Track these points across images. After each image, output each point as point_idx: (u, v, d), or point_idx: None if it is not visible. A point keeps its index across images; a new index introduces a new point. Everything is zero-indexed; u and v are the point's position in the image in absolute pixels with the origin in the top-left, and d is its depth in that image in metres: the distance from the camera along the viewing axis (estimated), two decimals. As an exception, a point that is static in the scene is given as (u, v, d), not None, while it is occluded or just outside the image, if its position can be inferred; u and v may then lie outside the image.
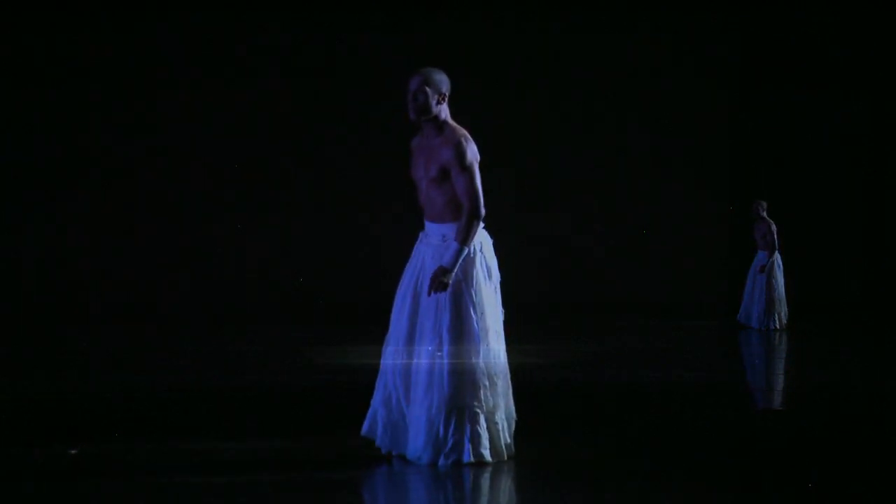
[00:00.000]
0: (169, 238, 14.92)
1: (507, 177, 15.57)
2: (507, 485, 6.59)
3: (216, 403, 9.25)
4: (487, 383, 6.73)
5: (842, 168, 17.59)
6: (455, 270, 6.69)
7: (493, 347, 6.79)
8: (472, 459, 6.66)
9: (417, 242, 6.96)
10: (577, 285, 16.18)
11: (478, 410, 6.69)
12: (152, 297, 14.78)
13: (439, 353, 6.68)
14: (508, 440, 6.87)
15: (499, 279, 6.90)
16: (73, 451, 7.26)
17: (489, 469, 6.68)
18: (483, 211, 6.74)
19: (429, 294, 6.68)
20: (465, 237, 6.70)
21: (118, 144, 14.45)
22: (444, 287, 6.66)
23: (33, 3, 13.71)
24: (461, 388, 6.67)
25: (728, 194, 16.56)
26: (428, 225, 6.89)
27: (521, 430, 7.00)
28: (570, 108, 15.99)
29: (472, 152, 6.76)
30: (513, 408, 6.92)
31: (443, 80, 6.84)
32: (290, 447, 7.29)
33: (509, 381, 6.89)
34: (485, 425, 6.71)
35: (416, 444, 6.71)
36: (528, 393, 8.57)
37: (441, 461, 6.66)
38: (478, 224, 6.74)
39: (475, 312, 6.73)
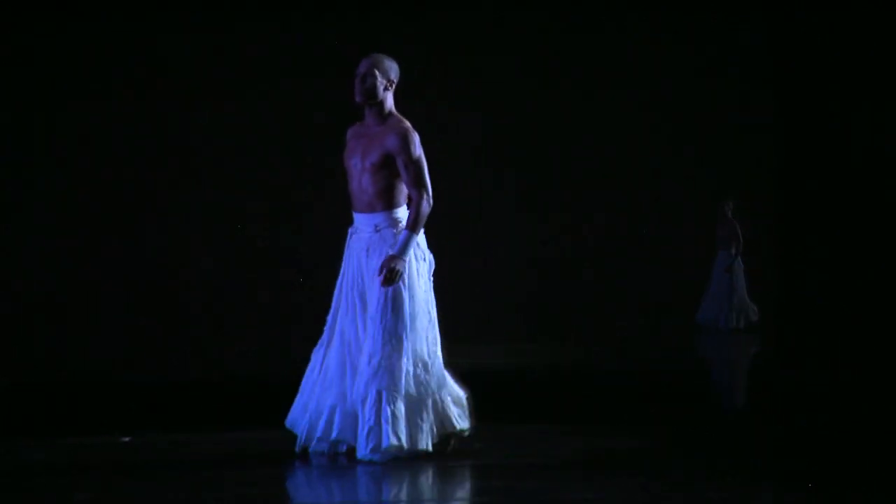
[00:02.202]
0: (168, 238, 14.82)
1: (523, 176, 15.43)
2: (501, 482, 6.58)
3: (220, 400, 9.39)
4: (411, 369, 6.68)
5: (870, 171, 17.09)
6: (405, 258, 6.66)
7: (423, 333, 6.75)
8: (391, 443, 6.55)
9: (347, 239, 6.93)
10: (596, 288, 15.92)
11: (395, 394, 6.61)
12: (152, 297, 14.70)
13: (379, 344, 6.63)
14: (450, 428, 6.81)
15: (433, 267, 6.87)
16: (125, 440, 7.29)
17: (499, 468, 6.71)
18: (432, 201, 6.74)
19: (383, 284, 6.63)
20: (416, 224, 6.68)
21: (117, 144, 14.38)
22: (397, 275, 6.64)
23: (30, 2, 13.72)
24: (380, 371, 6.61)
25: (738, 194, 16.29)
26: (357, 217, 6.85)
27: (523, 426, 6.99)
28: (590, 107, 15.62)
29: (419, 143, 6.74)
30: (450, 399, 6.82)
31: (392, 67, 6.83)
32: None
33: (442, 370, 6.83)
34: (403, 409, 6.62)
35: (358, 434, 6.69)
36: (528, 392, 8.61)
37: (362, 448, 6.60)
38: (427, 213, 6.73)
39: (406, 296, 6.69)
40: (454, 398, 6.86)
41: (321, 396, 6.80)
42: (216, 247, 14.31)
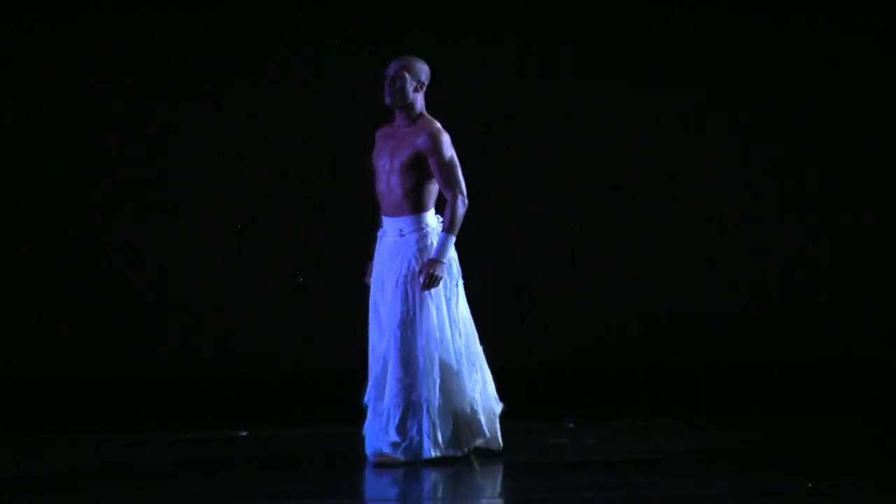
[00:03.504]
0: (168, 237, 14.67)
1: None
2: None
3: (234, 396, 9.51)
4: (437, 378, 6.61)
5: None
6: (444, 260, 6.59)
7: (449, 344, 6.68)
8: (431, 455, 6.56)
9: (378, 243, 6.87)
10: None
11: (429, 404, 6.58)
12: (152, 297, 14.58)
13: (404, 352, 6.58)
14: (476, 439, 6.74)
15: (460, 273, 6.78)
16: (243, 434, 7.32)
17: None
18: (467, 200, 6.68)
19: (423, 289, 6.57)
20: (452, 225, 6.62)
21: (117, 143, 14.28)
22: (437, 280, 6.56)
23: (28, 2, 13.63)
24: (413, 382, 6.57)
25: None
26: (385, 220, 6.80)
27: (629, 422, 7.27)
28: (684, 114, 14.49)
29: (450, 143, 6.69)
30: (479, 408, 6.75)
31: (422, 69, 6.81)
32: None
33: (475, 379, 6.76)
34: (437, 419, 6.59)
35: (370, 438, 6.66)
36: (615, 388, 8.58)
37: (401, 455, 6.58)
38: (463, 213, 6.66)
39: (433, 307, 6.64)
40: (483, 408, 6.79)
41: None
42: (219, 243, 14.23)
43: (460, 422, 6.68)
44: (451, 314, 6.70)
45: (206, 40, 12.93)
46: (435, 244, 6.65)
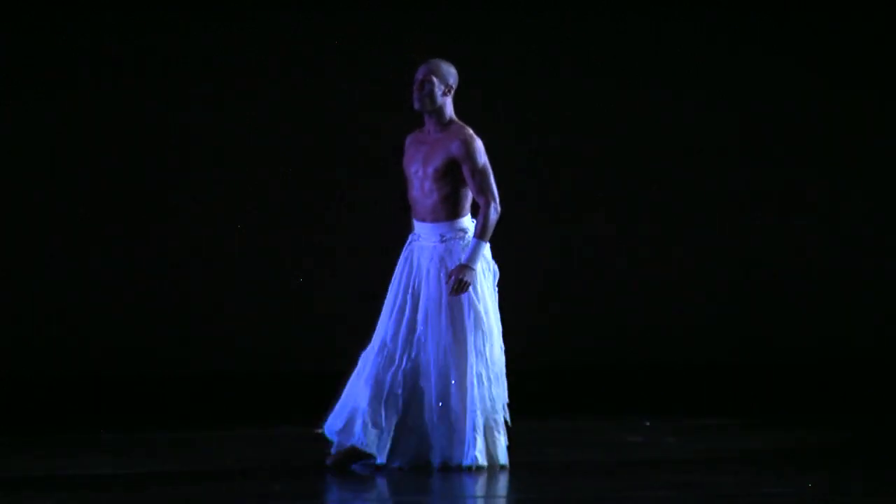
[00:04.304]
0: (168, 237, 14.66)
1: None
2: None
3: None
4: (489, 385, 6.62)
5: None
6: (475, 266, 6.54)
7: (497, 347, 6.69)
8: (475, 462, 6.55)
9: (407, 244, 6.81)
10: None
11: (495, 412, 6.61)
12: (152, 297, 14.58)
13: (457, 358, 6.55)
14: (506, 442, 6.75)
15: (497, 276, 6.76)
16: (318, 431, 7.32)
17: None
18: (500, 207, 6.64)
19: (451, 294, 6.53)
20: (484, 232, 6.59)
21: (117, 143, 14.25)
22: (466, 286, 6.54)
23: (30, 2, 13.57)
24: (482, 390, 6.58)
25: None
26: (419, 225, 6.75)
27: (700, 421, 7.30)
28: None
29: (483, 149, 6.65)
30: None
31: (450, 72, 6.73)
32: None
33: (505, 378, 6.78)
34: (482, 429, 6.59)
35: (440, 450, 6.58)
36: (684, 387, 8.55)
37: (465, 461, 6.54)
38: (496, 220, 6.63)
39: (483, 311, 6.62)
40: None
41: (356, 397, 6.72)
42: (219, 243, 14.23)
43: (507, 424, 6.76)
44: (497, 318, 6.73)
45: (206, 40, 12.87)
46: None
